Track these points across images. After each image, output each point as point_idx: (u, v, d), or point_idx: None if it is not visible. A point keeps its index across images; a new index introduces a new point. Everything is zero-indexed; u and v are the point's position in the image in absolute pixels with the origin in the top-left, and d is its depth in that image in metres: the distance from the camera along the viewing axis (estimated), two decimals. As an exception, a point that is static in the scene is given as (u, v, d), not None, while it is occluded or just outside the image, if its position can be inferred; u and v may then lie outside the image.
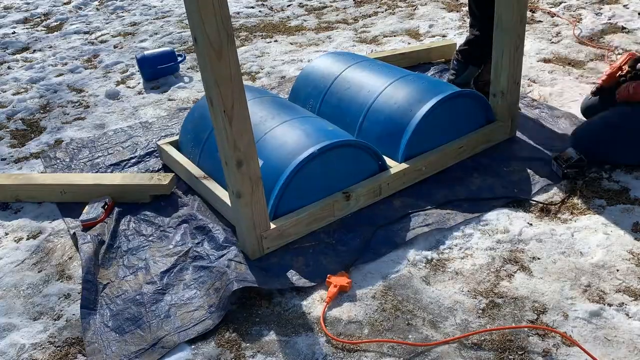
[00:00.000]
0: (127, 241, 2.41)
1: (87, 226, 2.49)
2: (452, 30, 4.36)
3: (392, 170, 2.47)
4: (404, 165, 2.50)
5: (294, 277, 2.11)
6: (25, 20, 5.90)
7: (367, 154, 2.43)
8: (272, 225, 2.20)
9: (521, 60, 2.70)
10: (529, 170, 2.60)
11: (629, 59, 2.64)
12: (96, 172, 2.96)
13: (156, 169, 2.93)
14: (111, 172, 2.95)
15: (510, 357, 1.74)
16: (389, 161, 2.53)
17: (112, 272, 2.24)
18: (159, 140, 3.17)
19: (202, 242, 2.34)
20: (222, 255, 2.23)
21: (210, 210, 2.52)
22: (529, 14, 4.21)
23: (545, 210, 2.35)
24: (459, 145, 2.65)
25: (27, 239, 2.54)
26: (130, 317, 2.02)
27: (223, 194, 2.39)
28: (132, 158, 3.05)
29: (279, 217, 2.25)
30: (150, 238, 2.41)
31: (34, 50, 4.98)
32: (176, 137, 2.92)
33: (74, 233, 2.45)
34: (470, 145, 2.70)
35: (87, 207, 2.56)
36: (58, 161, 3.11)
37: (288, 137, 2.35)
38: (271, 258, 2.21)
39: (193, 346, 1.89)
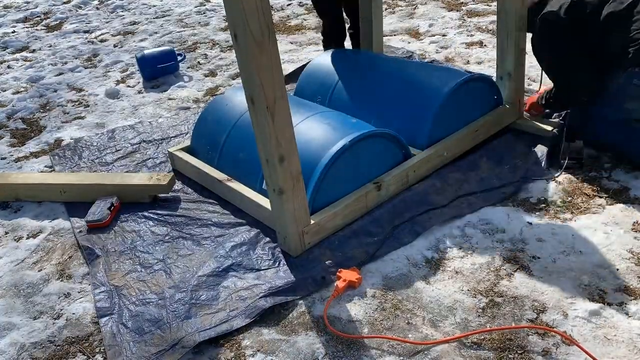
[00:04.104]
0: (141, 241, 2.39)
1: (93, 227, 2.49)
2: (452, 29, 4.36)
3: (417, 158, 2.52)
4: (427, 152, 2.55)
5: (326, 273, 2.11)
6: (25, 20, 5.90)
7: (393, 143, 2.47)
8: (312, 220, 2.20)
9: (525, 42, 2.76)
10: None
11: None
12: (107, 171, 2.96)
13: (167, 169, 2.92)
14: (120, 171, 2.95)
15: (510, 356, 1.74)
16: (411, 149, 2.57)
17: (125, 273, 2.22)
18: (168, 143, 3.18)
19: (224, 243, 2.31)
20: (248, 257, 2.22)
21: (226, 211, 2.51)
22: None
23: (545, 209, 2.35)
24: (475, 128, 2.72)
25: (27, 238, 2.54)
26: (150, 318, 2.00)
27: (253, 195, 2.39)
28: (142, 158, 3.06)
29: (315, 211, 2.25)
30: (166, 238, 2.39)
31: (34, 50, 4.98)
32: (186, 144, 2.89)
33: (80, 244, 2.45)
34: (484, 128, 2.77)
35: (93, 206, 2.55)
36: (66, 160, 3.12)
37: (314, 132, 2.38)
38: (301, 254, 2.21)
39: (197, 343, 1.89)
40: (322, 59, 3.14)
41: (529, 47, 2.76)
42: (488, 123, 2.77)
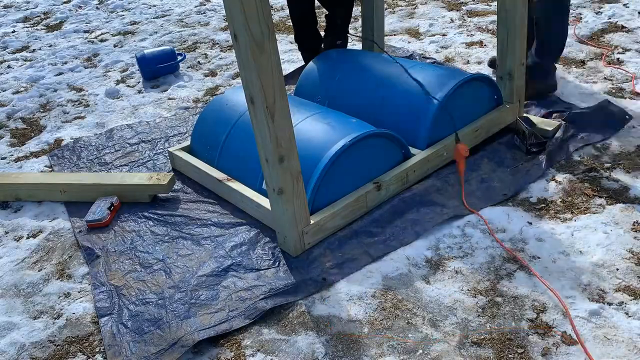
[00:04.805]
0: (141, 241, 2.39)
1: (93, 227, 2.49)
2: (452, 29, 4.36)
3: (417, 158, 2.51)
4: (427, 152, 2.54)
5: (326, 274, 2.11)
6: (25, 19, 5.90)
7: (393, 143, 2.47)
8: (312, 220, 2.19)
9: (525, 41, 2.75)
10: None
11: None
12: (107, 171, 2.96)
13: (167, 169, 2.92)
14: (119, 171, 2.95)
15: (509, 355, 1.74)
16: (411, 149, 2.57)
17: (125, 273, 2.22)
18: (167, 142, 3.18)
19: (223, 243, 2.31)
20: (248, 257, 2.22)
21: (226, 211, 2.51)
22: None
23: (545, 209, 2.35)
24: (475, 128, 2.71)
25: (27, 238, 2.54)
26: (150, 318, 1.99)
27: (253, 195, 2.39)
28: (141, 157, 3.06)
29: (315, 211, 2.25)
30: (165, 238, 2.39)
31: (34, 50, 4.98)
32: (187, 143, 2.89)
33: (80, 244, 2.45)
34: (484, 128, 2.76)
35: (93, 206, 2.55)
36: (65, 160, 3.12)
37: (314, 131, 2.38)
38: (301, 255, 2.21)
39: (196, 342, 1.89)
40: (322, 59, 3.14)
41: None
42: (488, 123, 2.77)
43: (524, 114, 2.92)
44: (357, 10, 5.02)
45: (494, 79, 2.89)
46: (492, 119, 2.78)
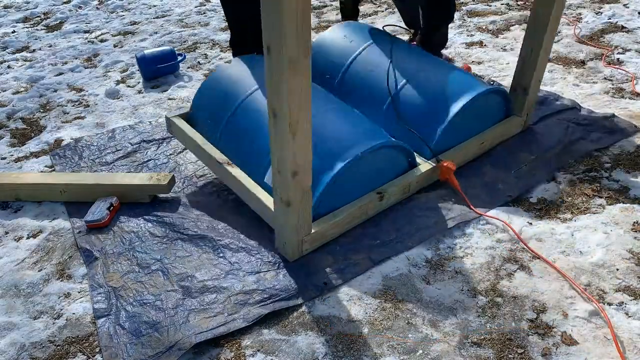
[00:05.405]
0: (139, 241, 2.38)
1: (92, 227, 2.49)
2: (452, 29, 4.35)
3: (422, 169, 2.48)
4: (432, 164, 2.51)
5: (327, 279, 2.10)
6: (25, 19, 5.90)
7: (401, 153, 2.42)
8: (314, 229, 2.17)
9: (547, 59, 2.74)
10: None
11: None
12: (108, 171, 2.96)
13: (167, 169, 2.91)
14: (120, 171, 2.94)
15: (509, 355, 1.74)
16: (417, 155, 2.53)
17: (123, 274, 2.22)
18: (168, 142, 3.16)
19: (223, 245, 2.30)
20: (248, 260, 2.21)
21: (226, 205, 2.49)
22: (528, 12, 4.21)
23: (545, 209, 2.35)
24: (481, 140, 2.69)
25: (27, 238, 2.54)
26: (147, 320, 1.99)
27: (252, 185, 2.33)
28: (142, 157, 3.05)
29: (316, 218, 2.23)
30: (164, 239, 2.38)
31: (34, 50, 4.98)
32: (186, 110, 2.76)
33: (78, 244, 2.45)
34: (489, 140, 2.74)
35: (92, 206, 2.55)
36: (67, 159, 3.12)
37: (323, 135, 2.26)
38: (300, 259, 2.20)
39: (193, 345, 1.89)
40: (334, 32, 2.92)
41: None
42: (494, 135, 2.74)
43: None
44: (362, 9, 5.03)
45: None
46: (496, 131, 2.75)
